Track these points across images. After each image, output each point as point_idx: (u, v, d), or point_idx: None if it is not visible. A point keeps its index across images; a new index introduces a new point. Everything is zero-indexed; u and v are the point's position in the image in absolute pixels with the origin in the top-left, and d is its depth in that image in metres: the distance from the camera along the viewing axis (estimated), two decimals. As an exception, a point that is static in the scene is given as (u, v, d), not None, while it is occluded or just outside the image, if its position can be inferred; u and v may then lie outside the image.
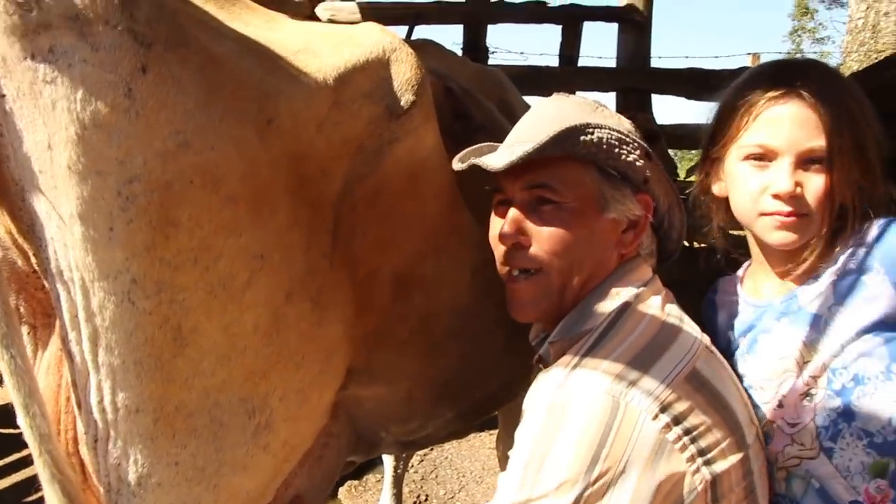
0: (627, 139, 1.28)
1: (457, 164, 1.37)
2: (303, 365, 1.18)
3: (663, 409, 1.10)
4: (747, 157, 1.30)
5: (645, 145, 1.31)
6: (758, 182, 1.29)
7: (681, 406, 1.11)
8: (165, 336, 0.99)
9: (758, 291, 1.41)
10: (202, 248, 0.98)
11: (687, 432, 1.10)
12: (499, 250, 1.32)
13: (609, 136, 1.25)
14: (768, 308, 1.36)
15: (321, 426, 1.33)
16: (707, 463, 1.11)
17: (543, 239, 1.26)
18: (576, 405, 1.11)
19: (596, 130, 1.24)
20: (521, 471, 1.11)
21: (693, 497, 1.11)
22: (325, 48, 1.22)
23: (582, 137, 1.23)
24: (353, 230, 1.26)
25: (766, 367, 1.33)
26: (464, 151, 1.39)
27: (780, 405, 1.30)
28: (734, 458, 1.15)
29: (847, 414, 1.24)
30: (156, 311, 0.97)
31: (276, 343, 1.12)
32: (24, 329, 1.12)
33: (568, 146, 1.23)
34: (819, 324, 1.28)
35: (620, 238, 1.31)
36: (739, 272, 1.50)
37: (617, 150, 1.27)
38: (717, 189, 1.42)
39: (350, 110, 1.21)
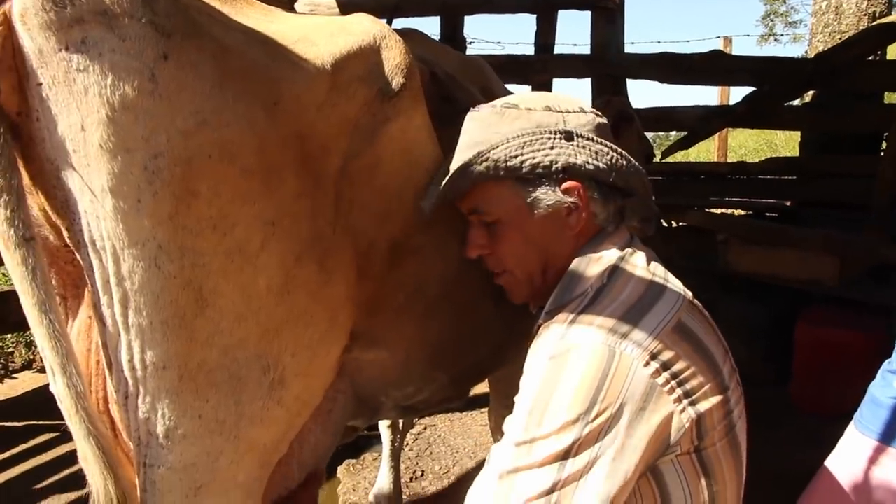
0: (534, 138, 1.36)
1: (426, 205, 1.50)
2: (311, 323, 1.28)
3: (653, 356, 1.20)
4: None
5: (563, 126, 1.38)
6: None
7: (668, 354, 1.22)
8: (188, 297, 1.09)
9: None
10: (220, 216, 1.09)
11: (674, 377, 1.21)
12: None
13: (507, 150, 1.36)
14: None
15: (329, 383, 1.44)
16: (692, 404, 1.22)
17: (496, 249, 1.46)
18: (575, 355, 1.21)
19: (490, 153, 1.37)
20: (526, 415, 1.21)
21: (681, 434, 1.22)
22: (321, 38, 1.32)
23: (475, 168, 1.38)
24: (352, 203, 1.37)
25: None
26: (435, 175, 1.51)
27: None
28: (715, 400, 1.25)
29: None
30: (180, 274, 1.07)
31: (287, 303, 1.22)
32: (56, 299, 1.22)
33: (467, 182, 1.38)
34: None
35: (566, 222, 1.40)
36: None
37: (520, 157, 1.36)
38: None
39: (346, 93, 1.31)
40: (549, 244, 1.41)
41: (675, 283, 1.36)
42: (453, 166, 1.38)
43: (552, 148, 1.36)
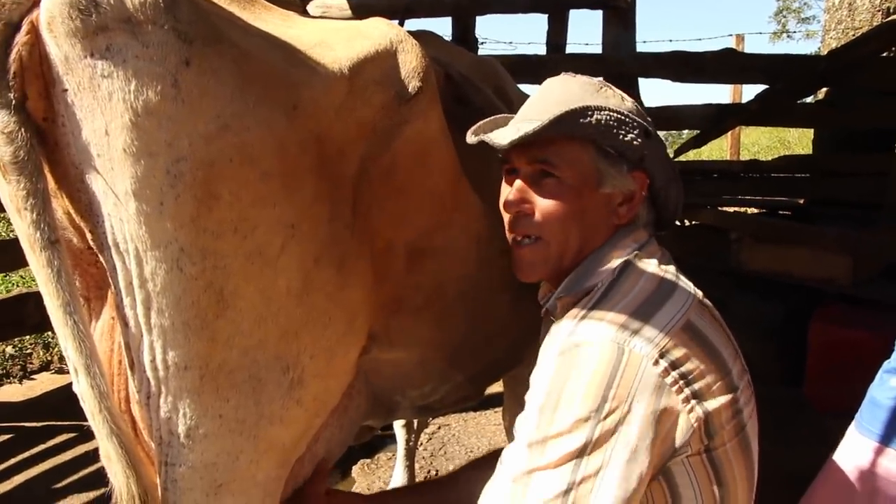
0: (626, 119, 1.38)
1: (470, 138, 1.48)
2: (330, 325, 1.30)
3: (662, 355, 1.21)
4: None
5: (646, 124, 1.40)
6: None
7: (677, 353, 1.23)
8: (209, 299, 1.11)
9: None
10: (241, 219, 1.10)
11: (682, 377, 1.22)
12: (506, 217, 1.45)
13: (608, 117, 1.35)
14: None
15: (347, 383, 1.46)
16: (700, 403, 1.23)
17: (543, 208, 1.39)
18: (584, 352, 1.22)
19: (595, 113, 1.35)
20: (537, 413, 1.22)
21: (690, 434, 1.23)
22: (338, 42, 1.33)
23: (581, 120, 1.34)
24: (370, 205, 1.38)
25: None
26: (479, 124, 1.50)
27: None
28: (724, 399, 1.26)
29: None
30: (201, 276, 1.09)
31: (306, 304, 1.24)
32: (80, 301, 1.24)
33: (567, 128, 1.34)
34: None
35: (616, 210, 1.42)
36: None
37: (615, 130, 1.36)
38: None
39: (363, 97, 1.32)
40: (592, 226, 1.41)
41: (685, 283, 1.37)
42: (556, 109, 1.33)
43: (638, 137, 1.39)
